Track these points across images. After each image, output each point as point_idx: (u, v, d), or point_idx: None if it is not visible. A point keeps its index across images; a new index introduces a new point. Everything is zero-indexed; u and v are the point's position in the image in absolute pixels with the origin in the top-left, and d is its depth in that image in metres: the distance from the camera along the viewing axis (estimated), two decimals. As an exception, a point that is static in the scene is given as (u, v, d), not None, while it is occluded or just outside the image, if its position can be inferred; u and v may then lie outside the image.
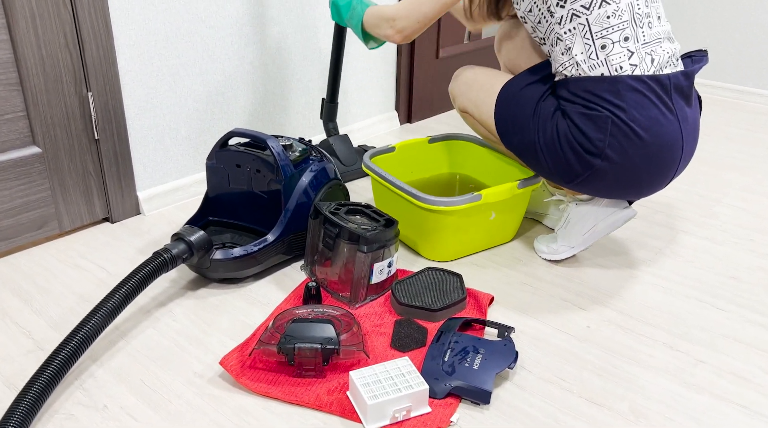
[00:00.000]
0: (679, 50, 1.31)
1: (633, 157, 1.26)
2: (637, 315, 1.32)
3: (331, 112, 1.89)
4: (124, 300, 1.15)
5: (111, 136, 1.55)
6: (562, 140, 1.29)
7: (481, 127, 1.49)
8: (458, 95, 1.50)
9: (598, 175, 1.29)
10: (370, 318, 1.28)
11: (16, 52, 1.35)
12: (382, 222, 1.33)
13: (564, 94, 1.30)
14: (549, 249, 1.50)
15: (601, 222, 1.43)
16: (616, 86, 1.24)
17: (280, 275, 1.42)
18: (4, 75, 1.35)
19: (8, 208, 1.43)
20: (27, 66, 1.37)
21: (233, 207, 1.47)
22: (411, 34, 1.42)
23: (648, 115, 1.24)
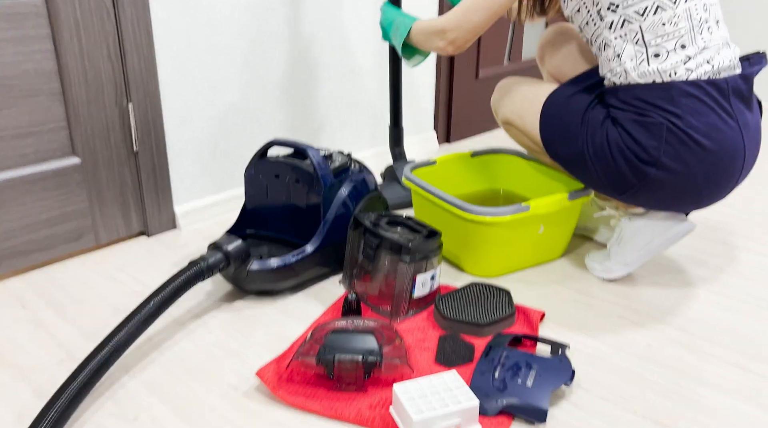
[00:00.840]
0: (738, 55, 1.24)
1: (691, 166, 1.18)
2: (701, 334, 1.22)
3: (396, 136, 1.85)
4: (158, 309, 1.11)
5: (149, 149, 1.53)
6: (613, 149, 1.22)
7: (526, 139, 1.43)
8: (501, 106, 1.45)
9: (652, 185, 1.22)
10: (413, 333, 1.21)
11: (59, 62, 1.35)
12: (424, 232, 1.27)
13: (613, 101, 1.23)
14: (602, 267, 1.41)
15: (658, 237, 1.35)
16: (669, 92, 1.17)
17: (317, 289, 1.37)
18: (47, 85, 1.35)
19: (46, 219, 1.42)
20: (69, 76, 1.36)
21: (271, 219, 1.43)
22: (463, 44, 1.36)
23: (706, 122, 1.17)
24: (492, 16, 1.32)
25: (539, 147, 1.40)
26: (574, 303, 1.32)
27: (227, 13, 1.59)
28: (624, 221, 1.38)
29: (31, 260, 1.42)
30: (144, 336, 1.20)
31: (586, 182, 1.31)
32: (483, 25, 1.32)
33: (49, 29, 1.32)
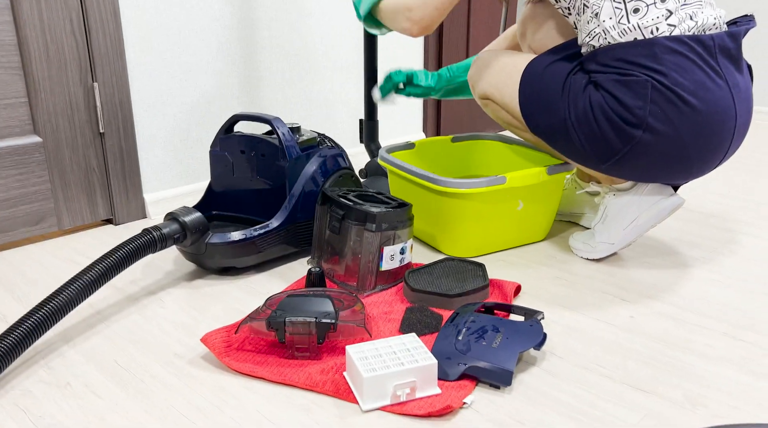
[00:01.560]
0: (724, 17, 1.18)
1: (680, 127, 1.11)
2: (692, 308, 1.13)
3: (371, 131, 1.70)
4: (103, 275, 1.04)
5: (117, 131, 1.48)
6: (596, 112, 1.15)
7: (504, 113, 1.36)
8: (478, 80, 1.39)
9: (639, 150, 1.14)
10: (379, 306, 1.13)
11: (18, 34, 1.32)
12: (394, 204, 1.21)
13: (594, 66, 1.17)
14: (586, 247, 1.33)
15: (644, 212, 1.26)
16: (652, 49, 1.11)
17: (284, 268, 1.30)
18: (5, 58, 1.31)
19: (4, 199, 1.36)
20: (30, 50, 1.33)
21: (238, 199, 1.37)
22: (430, 24, 1.31)
23: (693, 79, 1.10)
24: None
25: (519, 121, 1.34)
26: (554, 280, 1.24)
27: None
28: (608, 198, 1.31)
29: (-13, 242, 1.36)
30: (92, 309, 1.13)
31: (570, 154, 1.24)
32: (450, 1, 1.27)
33: (7, 0, 1.29)
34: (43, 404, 0.87)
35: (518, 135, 1.40)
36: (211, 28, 1.60)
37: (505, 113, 1.36)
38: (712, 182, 1.86)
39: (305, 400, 0.87)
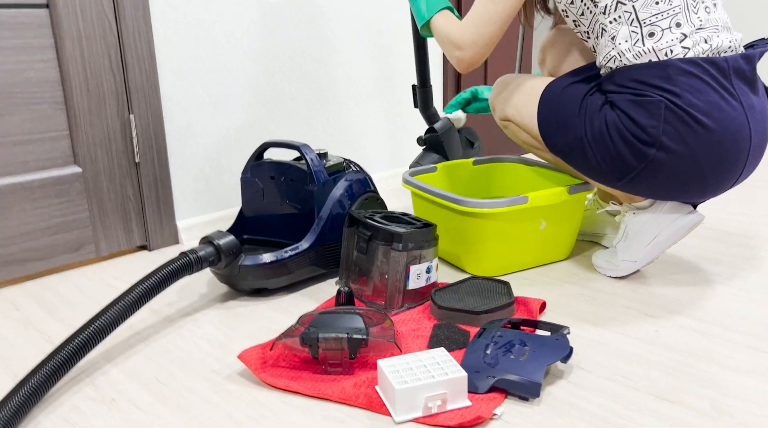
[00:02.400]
0: (740, 40, 1.22)
1: (693, 146, 1.14)
2: (715, 322, 1.15)
3: (425, 98, 1.64)
4: (142, 297, 1.09)
5: (151, 161, 1.55)
6: (611, 131, 1.19)
7: (524, 133, 1.41)
8: (498, 103, 1.44)
9: (654, 168, 1.18)
10: (407, 323, 1.16)
11: (62, 71, 1.39)
12: (419, 225, 1.25)
13: (611, 87, 1.21)
14: (609, 265, 1.36)
15: (665, 230, 1.29)
16: (666, 71, 1.15)
17: (314, 289, 1.34)
18: (50, 93, 1.39)
19: (46, 227, 1.43)
20: (71, 86, 1.40)
21: (268, 223, 1.42)
22: (478, 61, 1.33)
23: (706, 100, 1.13)
24: (505, 23, 1.28)
25: (538, 141, 1.38)
26: (578, 297, 1.26)
27: (230, 31, 1.64)
28: (629, 216, 1.34)
29: (29, 269, 1.42)
30: (131, 330, 1.18)
31: (587, 171, 1.28)
32: (498, 35, 1.29)
33: (52, 39, 1.37)
34: (91, 419, 0.91)
35: (538, 156, 1.44)
36: (239, 62, 1.68)
37: (524, 134, 1.40)
38: (733, 202, 1.88)
39: (339, 413, 0.90)
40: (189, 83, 1.60)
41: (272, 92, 1.77)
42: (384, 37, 2.01)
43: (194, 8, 1.56)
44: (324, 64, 1.87)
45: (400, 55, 2.08)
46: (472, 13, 1.28)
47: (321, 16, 1.83)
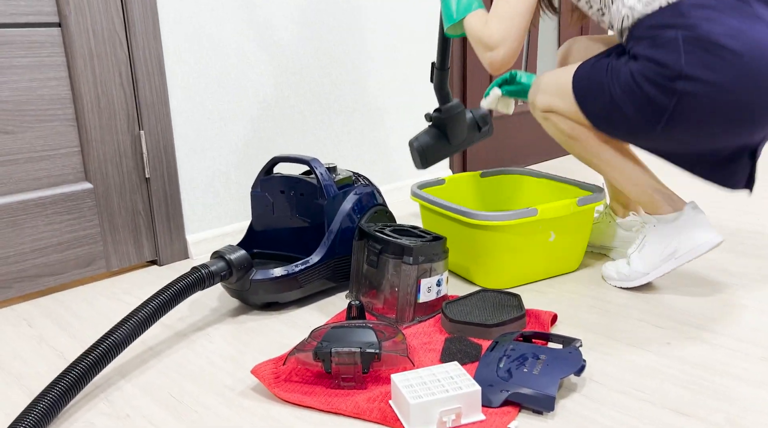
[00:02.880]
0: None
1: (722, 73, 1.10)
2: (728, 333, 1.15)
3: (441, 79, 1.59)
4: (156, 312, 1.09)
5: (161, 176, 1.56)
6: (637, 78, 1.17)
7: (565, 121, 1.34)
8: (537, 96, 1.38)
9: (687, 103, 1.13)
10: (418, 336, 1.16)
11: (73, 89, 1.41)
12: (428, 238, 1.25)
13: (630, 44, 1.21)
14: (620, 275, 1.36)
15: (683, 246, 1.27)
16: (677, 9, 1.13)
17: (324, 303, 1.34)
18: (62, 111, 1.40)
19: (57, 243, 1.44)
20: (83, 103, 1.42)
21: (278, 237, 1.43)
22: (511, 59, 1.30)
23: (726, 25, 1.10)
24: (529, 14, 1.25)
25: (580, 123, 1.33)
26: (589, 309, 1.26)
27: (238, 46, 1.66)
28: (649, 227, 1.32)
29: (40, 284, 1.43)
30: (144, 345, 1.18)
31: (629, 133, 1.23)
32: (525, 28, 1.27)
33: (64, 57, 1.38)
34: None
35: (580, 152, 1.37)
36: (247, 76, 1.69)
37: (566, 122, 1.34)
38: (745, 215, 1.88)
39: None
40: (198, 98, 1.61)
41: (281, 106, 1.78)
42: (393, 52, 2.03)
43: (203, 24, 1.58)
44: (332, 78, 1.88)
45: (408, 68, 2.09)
46: (495, 10, 1.26)
47: (329, 33, 1.85)
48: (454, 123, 1.59)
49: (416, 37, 2.10)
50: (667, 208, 1.29)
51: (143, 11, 1.46)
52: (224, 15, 1.62)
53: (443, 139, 1.59)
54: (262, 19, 1.70)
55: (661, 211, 1.30)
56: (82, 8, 1.38)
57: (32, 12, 1.33)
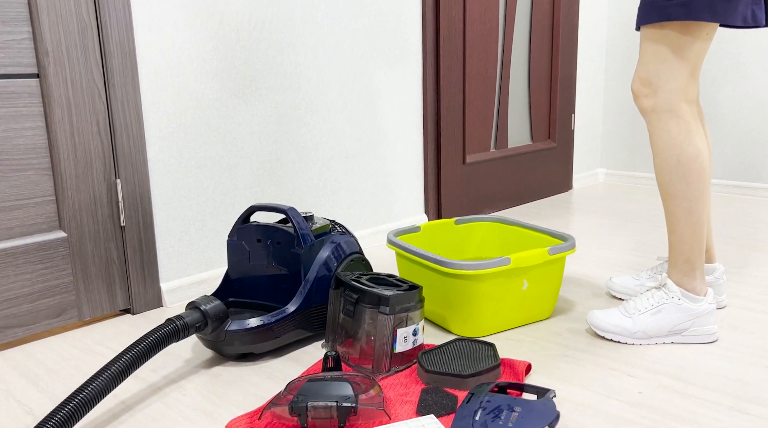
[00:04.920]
0: None
1: None
2: (695, 381, 1.17)
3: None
4: (129, 366, 1.08)
5: (137, 224, 1.56)
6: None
7: (690, 140, 1.31)
8: (636, 83, 1.34)
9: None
10: (395, 388, 1.16)
11: (50, 138, 1.41)
12: (405, 287, 1.26)
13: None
14: (619, 329, 1.34)
15: (696, 329, 1.33)
16: None
17: (299, 353, 1.34)
18: (36, 160, 1.40)
19: (28, 293, 1.42)
20: (59, 152, 1.42)
21: (254, 286, 1.43)
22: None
23: None
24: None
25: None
26: (562, 357, 1.28)
27: (216, 97, 1.68)
28: (671, 297, 1.33)
29: (9, 335, 1.40)
30: (116, 399, 1.16)
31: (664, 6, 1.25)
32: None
33: (41, 107, 1.39)
34: (74, 495, 0.89)
35: (675, 188, 1.33)
36: (225, 125, 1.71)
37: (690, 141, 1.31)
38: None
39: (330, 484, 0.90)
40: (176, 148, 1.62)
41: (258, 155, 1.80)
42: (368, 102, 2.07)
43: (181, 75, 1.60)
44: (310, 128, 1.92)
45: (383, 119, 2.14)
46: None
47: (307, 83, 1.88)
48: None
49: (390, 88, 2.15)
50: (699, 288, 1.33)
51: (122, 63, 1.48)
52: (204, 68, 1.64)
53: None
54: (241, 70, 1.73)
55: (692, 288, 1.33)
56: (61, 60, 1.39)
57: (11, 64, 1.34)
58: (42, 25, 1.36)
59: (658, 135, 1.32)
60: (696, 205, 1.31)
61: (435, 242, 1.66)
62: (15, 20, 1.33)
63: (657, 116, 1.31)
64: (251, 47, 1.74)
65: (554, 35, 2.82)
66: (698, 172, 1.30)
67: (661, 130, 1.31)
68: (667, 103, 1.29)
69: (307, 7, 1.85)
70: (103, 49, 1.45)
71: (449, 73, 2.34)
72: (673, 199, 1.33)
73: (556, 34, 2.82)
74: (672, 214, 1.34)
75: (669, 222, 1.35)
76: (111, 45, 1.45)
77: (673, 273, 1.36)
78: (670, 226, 1.35)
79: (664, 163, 1.32)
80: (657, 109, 1.31)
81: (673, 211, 1.33)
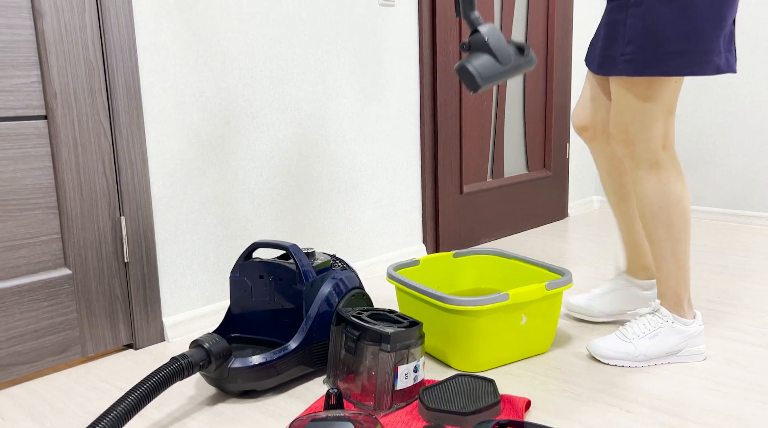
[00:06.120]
0: None
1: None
2: (694, 417, 1.19)
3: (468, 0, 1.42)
4: (135, 406, 1.10)
5: (140, 260, 1.58)
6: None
7: (675, 184, 1.36)
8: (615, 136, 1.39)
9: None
10: (397, 425, 1.18)
11: (56, 178, 1.44)
12: (405, 323, 1.29)
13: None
14: (622, 354, 1.40)
15: (690, 349, 1.41)
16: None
17: (302, 389, 1.35)
18: (43, 199, 1.43)
19: (33, 330, 1.43)
20: (65, 191, 1.45)
21: (257, 321, 1.45)
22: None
23: None
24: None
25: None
26: (561, 393, 1.30)
27: (219, 133, 1.72)
28: (665, 321, 1.40)
29: (14, 373, 1.41)
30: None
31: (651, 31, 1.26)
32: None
33: (49, 148, 1.42)
34: None
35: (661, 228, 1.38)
36: (227, 161, 1.75)
37: (674, 186, 1.36)
38: (700, 289, 1.95)
39: None
40: (180, 184, 1.65)
41: (260, 189, 1.83)
42: (366, 135, 2.11)
43: (185, 113, 1.64)
44: (310, 161, 1.95)
45: (382, 150, 2.18)
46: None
47: (307, 118, 1.92)
48: (497, 42, 1.40)
49: (388, 121, 2.19)
50: (689, 313, 1.41)
51: (128, 104, 1.51)
52: (207, 106, 1.68)
53: (492, 59, 1.40)
54: (242, 106, 1.77)
55: (684, 314, 1.41)
56: (68, 101, 1.43)
57: (21, 106, 1.37)
58: (51, 68, 1.40)
59: (639, 183, 1.37)
60: (679, 246, 1.38)
61: (434, 275, 1.69)
62: (25, 64, 1.37)
63: (636, 165, 1.36)
64: (253, 85, 1.78)
65: (548, 66, 2.88)
66: (680, 216, 1.36)
67: (641, 179, 1.36)
68: (646, 153, 1.33)
69: (307, 46, 1.90)
70: (109, 90, 1.49)
71: (446, 106, 2.39)
72: (657, 242, 1.39)
73: (550, 65, 2.88)
74: (657, 254, 1.41)
75: (655, 261, 1.42)
76: (117, 86, 1.49)
77: (663, 304, 1.43)
78: (657, 265, 1.42)
79: (646, 209, 1.38)
80: (635, 159, 1.35)
81: (658, 252, 1.40)
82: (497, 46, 1.36)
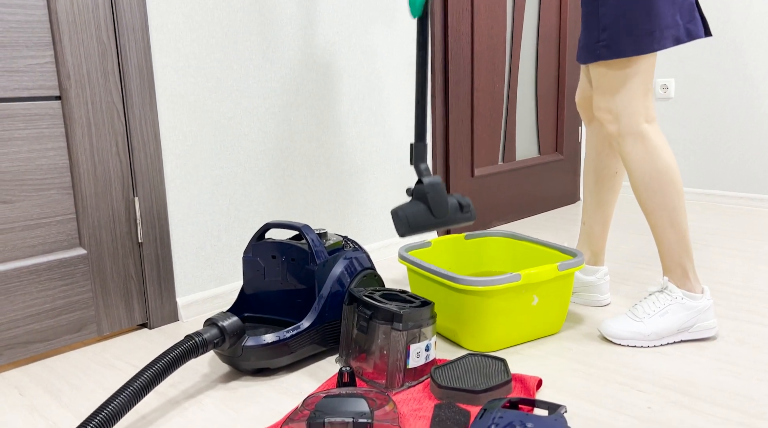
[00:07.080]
0: None
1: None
2: (703, 396, 1.19)
3: (420, 152, 1.58)
4: (151, 382, 1.11)
5: (154, 240, 1.59)
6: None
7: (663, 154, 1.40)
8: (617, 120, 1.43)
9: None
10: (408, 403, 1.19)
11: (71, 158, 1.45)
12: (417, 303, 1.29)
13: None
14: (635, 334, 1.41)
15: (701, 324, 1.42)
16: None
17: (314, 367, 1.37)
18: (58, 179, 1.44)
19: (50, 308, 1.45)
20: (80, 171, 1.46)
21: (269, 301, 1.46)
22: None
23: None
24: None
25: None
26: (572, 372, 1.30)
27: (231, 115, 1.72)
28: (674, 298, 1.41)
29: (31, 350, 1.44)
30: (137, 415, 1.19)
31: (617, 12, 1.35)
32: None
33: (63, 128, 1.43)
34: None
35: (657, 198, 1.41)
36: (239, 143, 1.75)
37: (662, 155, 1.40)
38: (713, 272, 1.94)
39: (348, 499, 0.92)
40: (192, 165, 1.66)
41: (271, 170, 1.84)
42: (377, 116, 2.11)
43: (197, 95, 1.64)
44: (321, 142, 1.95)
45: (392, 131, 2.17)
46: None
47: (320, 101, 1.92)
48: (436, 196, 1.57)
49: (399, 103, 2.18)
50: (695, 287, 1.41)
51: (141, 85, 1.52)
52: (219, 87, 1.68)
53: (427, 211, 1.58)
54: (255, 88, 1.77)
55: (690, 288, 1.41)
56: (82, 82, 1.44)
57: (34, 87, 1.38)
58: (64, 48, 1.40)
59: (628, 157, 1.42)
60: (676, 215, 1.40)
61: (445, 257, 1.69)
62: (38, 45, 1.37)
63: (623, 139, 1.42)
64: (264, 66, 1.78)
65: (561, 48, 2.86)
66: (671, 183, 1.40)
67: (629, 152, 1.42)
68: (630, 126, 1.40)
69: (318, 27, 1.89)
70: (122, 71, 1.49)
71: (457, 87, 2.38)
72: (653, 212, 1.42)
73: (563, 47, 2.85)
74: (656, 226, 1.43)
75: (655, 234, 1.44)
76: (130, 67, 1.50)
77: (671, 278, 1.44)
78: (657, 238, 1.44)
79: (638, 180, 1.42)
80: (622, 133, 1.42)
81: (656, 223, 1.42)
82: (435, 200, 1.52)
